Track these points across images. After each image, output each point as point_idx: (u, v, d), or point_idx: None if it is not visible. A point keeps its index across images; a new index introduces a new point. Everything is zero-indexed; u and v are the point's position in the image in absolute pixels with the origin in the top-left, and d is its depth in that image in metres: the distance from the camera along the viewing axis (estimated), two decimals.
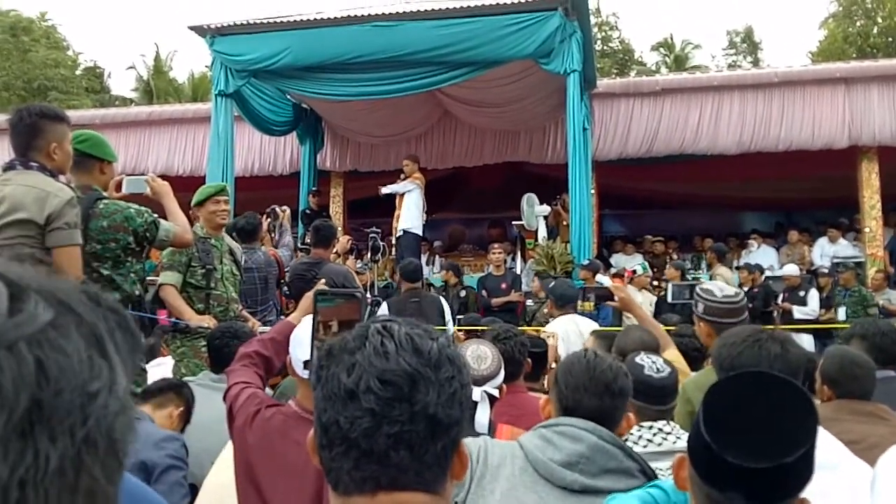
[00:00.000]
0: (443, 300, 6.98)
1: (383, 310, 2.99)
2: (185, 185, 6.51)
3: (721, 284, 3.26)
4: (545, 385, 3.92)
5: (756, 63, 29.99)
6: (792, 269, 10.27)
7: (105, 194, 3.66)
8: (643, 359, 2.49)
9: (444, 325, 6.68)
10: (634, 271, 9.82)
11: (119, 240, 3.57)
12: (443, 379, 1.01)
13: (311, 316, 2.23)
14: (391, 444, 0.97)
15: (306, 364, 2.12)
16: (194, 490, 2.81)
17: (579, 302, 5.29)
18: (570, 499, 1.86)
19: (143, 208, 3.66)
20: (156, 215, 3.71)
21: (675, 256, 12.23)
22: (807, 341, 8.85)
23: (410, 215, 9.87)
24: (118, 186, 3.84)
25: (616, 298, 3.97)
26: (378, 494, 0.99)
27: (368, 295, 2.66)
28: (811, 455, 1.22)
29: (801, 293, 9.87)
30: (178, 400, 3.15)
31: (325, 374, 1.01)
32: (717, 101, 11.28)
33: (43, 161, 3.16)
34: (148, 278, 4.75)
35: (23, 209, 3.03)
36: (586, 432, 1.91)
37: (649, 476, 1.93)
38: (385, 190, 10.16)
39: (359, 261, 10.54)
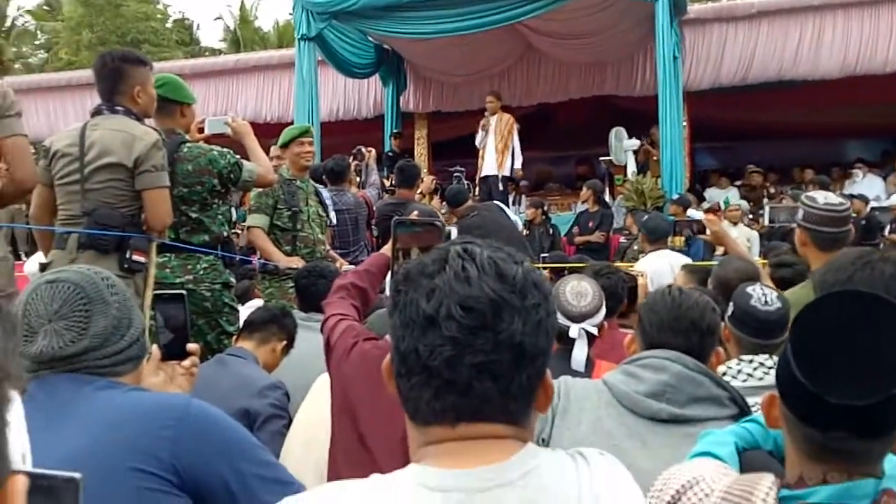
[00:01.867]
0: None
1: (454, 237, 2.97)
2: (272, 132, 6.56)
3: (826, 193, 3.03)
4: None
5: None
6: None
7: (188, 137, 3.70)
8: (755, 289, 2.35)
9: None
10: (719, 207, 9.41)
11: (205, 182, 3.61)
12: (528, 306, 0.94)
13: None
14: (474, 374, 0.91)
15: None
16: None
17: (670, 238, 5.12)
18: (659, 428, 1.81)
19: (225, 150, 3.69)
20: (238, 156, 3.73)
21: (772, 189, 11.68)
22: None
23: (493, 159, 9.71)
24: (200, 128, 3.88)
25: (708, 232, 3.81)
26: (459, 425, 0.94)
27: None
28: None
29: None
30: (281, 333, 3.14)
31: (403, 300, 0.96)
32: (819, 23, 10.60)
33: (128, 105, 3.20)
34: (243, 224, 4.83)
35: (111, 153, 3.09)
36: (670, 361, 1.84)
37: (740, 404, 1.84)
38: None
39: (444, 201, 10.50)
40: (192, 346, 1.77)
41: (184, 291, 1.85)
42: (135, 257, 3.10)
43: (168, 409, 1.42)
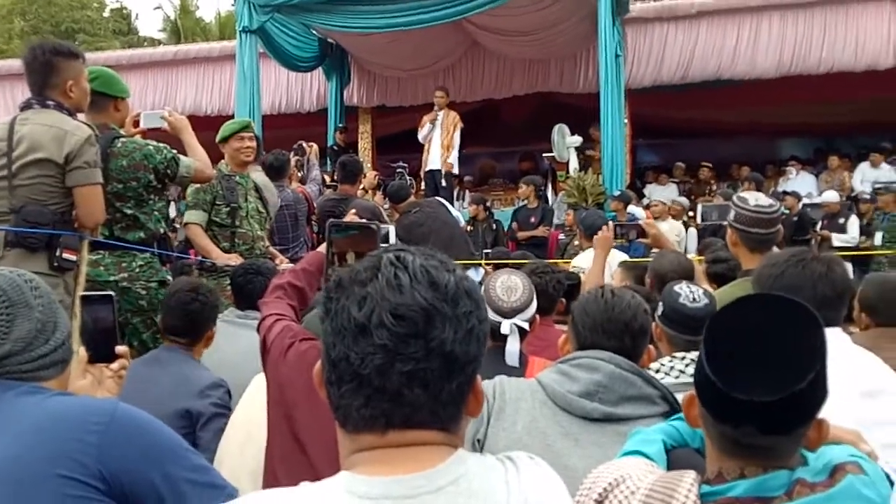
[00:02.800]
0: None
1: (391, 235, 3.01)
2: (213, 126, 6.46)
3: (757, 195, 3.12)
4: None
5: None
6: (831, 196, 9.98)
7: (122, 132, 3.62)
8: (682, 287, 2.42)
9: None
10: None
11: (140, 178, 3.53)
12: (460, 314, 0.95)
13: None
14: (405, 382, 0.92)
15: None
16: None
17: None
18: (592, 427, 1.84)
19: (161, 145, 3.61)
20: (175, 151, 3.66)
21: (715, 186, 11.94)
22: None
23: (438, 154, 9.74)
24: (136, 122, 3.79)
25: (648, 235, 3.86)
26: (389, 433, 0.94)
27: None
28: (823, 375, 1.15)
29: (841, 220, 9.61)
30: (208, 322, 3.05)
31: (335, 307, 0.96)
32: (756, 23, 10.87)
33: (60, 99, 3.10)
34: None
35: (41, 149, 2.99)
36: (603, 362, 1.87)
37: (671, 402, 1.89)
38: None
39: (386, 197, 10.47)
40: (120, 349, 1.73)
41: (112, 293, 1.82)
42: (65, 255, 3.02)
43: (94, 414, 1.39)
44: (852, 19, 10.54)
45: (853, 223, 9.55)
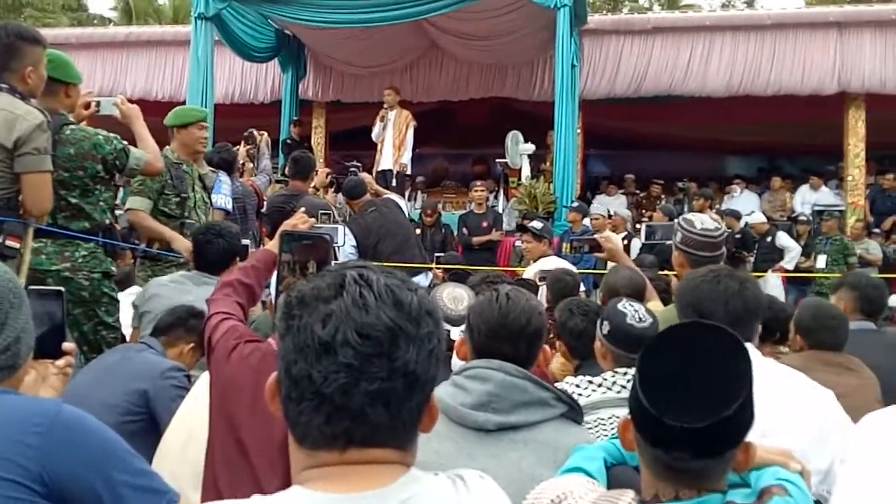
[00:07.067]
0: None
1: (339, 234, 3.07)
2: (163, 111, 6.33)
3: (703, 217, 3.20)
4: None
5: (750, 4, 29.48)
6: (758, 217, 10.14)
7: (72, 119, 3.53)
8: (626, 306, 2.45)
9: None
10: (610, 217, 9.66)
11: (87, 168, 3.45)
12: (422, 334, 0.97)
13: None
14: (368, 402, 0.93)
15: None
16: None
17: (565, 244, 5.24)
18: (488, 439, 1.82)
19: (111, 135, 3.53)
20: (125, 142, 3.58)
21: (663, 199, 12.12)
22: (772, 283, 8.86)
23: (390, 153, 9.73)
24: (87, 104, 3.69)
25: (604, 249, 3.90)
26: (348, 450, 0.95)
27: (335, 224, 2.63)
28: (750, 401, 1.21)
29: (769, 239, 9.76)
30: (188, 336, 3.08)
31: (297, 324, 0.96)
32: (708, 42, 11.13)
33: (15, 83, 3.01)
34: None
35: None
36: (493, 370, 1.85)
37: (566, 402, 1.89)
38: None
39: (338, 194, 10.38)
40: (67, 346, 1.70)
41: (63, 289, 1.78)
42: (8, 242, 2.94)
43: (36, 415, 1.36)
44: (800, 44, 10.86)
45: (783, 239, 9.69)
